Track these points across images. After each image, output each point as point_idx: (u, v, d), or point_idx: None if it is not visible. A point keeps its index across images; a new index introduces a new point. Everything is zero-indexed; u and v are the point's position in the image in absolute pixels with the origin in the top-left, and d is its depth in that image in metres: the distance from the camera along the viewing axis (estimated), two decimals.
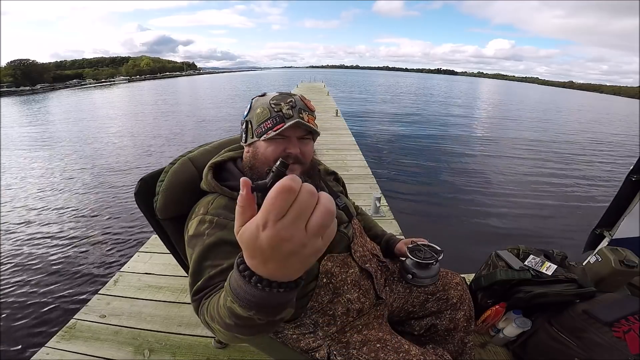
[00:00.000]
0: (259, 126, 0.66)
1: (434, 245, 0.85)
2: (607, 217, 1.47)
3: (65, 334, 1.33)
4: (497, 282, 1.16)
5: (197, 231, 0.62)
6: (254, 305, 0.34)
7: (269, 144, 0.66)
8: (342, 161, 4.03)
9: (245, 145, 0.71)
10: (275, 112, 0.65)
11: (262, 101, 0.68)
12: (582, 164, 6.86)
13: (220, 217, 0.62)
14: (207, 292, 0.54)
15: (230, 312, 0.39)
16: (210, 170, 0.70)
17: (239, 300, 0.35)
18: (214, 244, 0.59)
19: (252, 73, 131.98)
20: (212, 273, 0.56)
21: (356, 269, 0.76)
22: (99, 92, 30.39)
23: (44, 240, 3.16)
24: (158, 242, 1.96)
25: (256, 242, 0.27)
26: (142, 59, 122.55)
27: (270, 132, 0.64)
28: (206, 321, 0.50)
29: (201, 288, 0.55)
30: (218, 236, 0.60)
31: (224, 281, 0.42)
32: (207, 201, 0.66)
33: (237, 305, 0.35)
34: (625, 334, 0.92)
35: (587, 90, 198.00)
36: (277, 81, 46.15)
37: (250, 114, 0.69)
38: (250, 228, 0.27)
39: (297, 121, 0.64)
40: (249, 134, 0.68)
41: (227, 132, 9.08)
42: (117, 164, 5.85)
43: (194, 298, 0.56)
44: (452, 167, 6.03)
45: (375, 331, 0.79)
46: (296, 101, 0.68)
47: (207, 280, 0.55)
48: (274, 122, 0.64)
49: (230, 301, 0.37)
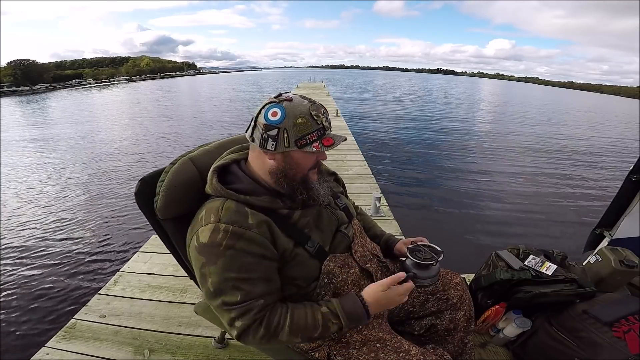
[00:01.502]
0: (303, 137, 0.64)
1: (434, 245, 0.85)
2: (607, 217, 1.47)
3: (65, 334, 1.32)
4: (497, 282, 1.16)
5: (213, 241, 0.61)
6: (355, 323, 0.68)
7: (307, 154, 0.68)
8: (342, 161, 4.03)
9: (272, 152, 0.66)
10: (318, 125, 0.65)
11: (299, 109, 0.64)
12: (583, 164, 6.87)
13: (235, 225, 0.62)
14: (254, 304, 0.62)
15: (329, 328, 0.65)
16: (215, 174, 0.69)
17: (349, 321, 0.66)
18: (236, 257, 0.61)
19: (252, 73, 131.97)
20: (245, 287, 0.62)
21: (357, 269, 0.76)
22: (99, 92, 30.40)
23: (43, 240, 3.16)
24: (158, 242, 1.95)
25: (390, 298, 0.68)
26: (142, 59, 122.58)
27: (317, 144, 0.66)
28: (270, 323, 0.63)
29: (243, 300, 0.62)
30: (237, 248, 0.61)
31: (262, 294, 0.62)
32: (215, 207, 0.65)
33: (344, 323, 0.66)
34: (625, 334, 0.92)
35: (587, 90, 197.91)
36: (278, 81, 46.12)
37: (287, 121, 0.63)
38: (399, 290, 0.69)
39: (345, 137, 0.70)
40: (283, 141, 0.64)
41: (227, 132, 9.08)
42: (117, 164, 5.85)
43: (237, 306, 0.61)
44: (452, 167, 6.03)
45: (375, 331, 0.79)
46: (325, 110, 0.70)
47: (245, 294, 0.62)
48: (318, 134, 0.66)
49: (334, 323, 0.65)
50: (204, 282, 0.63)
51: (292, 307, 0.66)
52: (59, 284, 2.51)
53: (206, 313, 0.98)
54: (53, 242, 3.14)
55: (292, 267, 0.68)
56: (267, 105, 0.66)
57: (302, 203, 0.71)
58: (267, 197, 0.68)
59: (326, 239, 0.74)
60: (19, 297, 2.37)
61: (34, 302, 2.31)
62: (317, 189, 0.72)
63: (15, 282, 2.54)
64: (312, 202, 0.72)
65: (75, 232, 3.32)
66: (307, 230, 0.71)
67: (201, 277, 0.63)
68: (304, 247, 0.69)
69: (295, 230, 0.69)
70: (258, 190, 0.69)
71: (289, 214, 0.70)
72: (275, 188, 0.70)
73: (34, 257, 2.87)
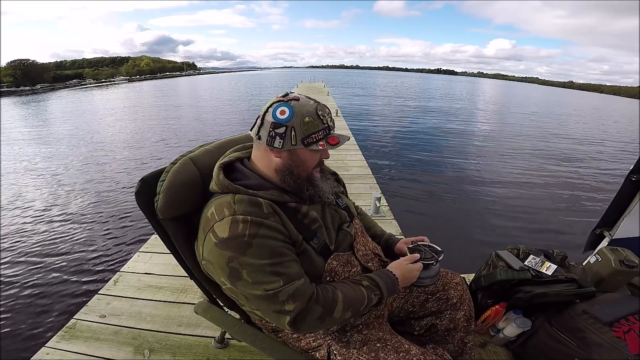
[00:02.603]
0: (310, 136, 0.66)
1: (434, 245, 0.85)
2: (607, 217, 1.46)
3: (65, 334, 1.32)
4: (497, 282, 1.16)
5: (234, 233, 0.60)
6: (391, 293, 0.74)
7: (313, 153, 0.70)
8: (342, 161, 4.03)
9: (278, 150, 0.67)
10: (324, 124, 0.68)
11: (307, 108, 0.66)
12: (583, 164, 6.87)
13: (252, 215, 0.62)
14: (297, 284, 0.62)
15: (372, 299, 0.70)
16: (220, 170, 0.70)
17: (388, 291, 0.72)
18: (263, 244, 0.61)
19: (252, 73, 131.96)
20: (283, 270, 0.61)
21: (358, 267, 0.77)
22: (99, 92, 30.38)
23: (43, 240, 3.16)
24: (158, 242, 1.96)
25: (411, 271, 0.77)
26: (142, 59, 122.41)
27: (323, 143, 0.68)
28: (326, 299, 0.64)
29: (286, 283, 0.61)
30: (262, 235, 0.61)
31: (300, 273, 0.64)
32: (226, 201, 0.64)
33: (384, 293, 0.71)
34: (625, 334, 0.92)
35: (587, 90, 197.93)
36: (278, 81, 46.11)
37: (295, 120, 0.65)
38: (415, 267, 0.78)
39: (349, 137, 0.72)
40: (290, 139, 0.65)
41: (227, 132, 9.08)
42: (117, 164, 5.85)
43: (285, 287, 0.60)
44: (452, 167, 6.03)
45: (376, 331, 0.79)
46: (329, 110, 0.72)
47: (287, 277, 0.61)
48: (324, 133, 0.68)
49: (377, 294, 0.70)
50: (237, 276, 0.61)
51: (337, 284, 0.69)
52: (59, 284, 2.51)
53: (206, 313, 0.98)
54: (53, 242, 3.13)
55: (301, 261, 0.68)
56: (275, 103, 0.67)
57: (309, 199, 0.72)
58: (275, 191, 0.69)
59: (331, 236, 0.75)
60: (19, 297, 2.37)
61: (34, 302, 2.31)
62: (322, 187, 0.74)
63: (15, 282, 2.54)
64: (317, 199, 0.74)
65: (76, 232, 3.32)
66: (315, 226, 0.72)
67: (232, 272, 0.61)
68: (310, 244, 0.70)
69: (303, 225, 0.70)
70: (266, 186, 0.70)
71: (297, 207, 0.71)
72: (280, 185, 0.71)
73: (34, 257, 2.87)
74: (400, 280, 0.74)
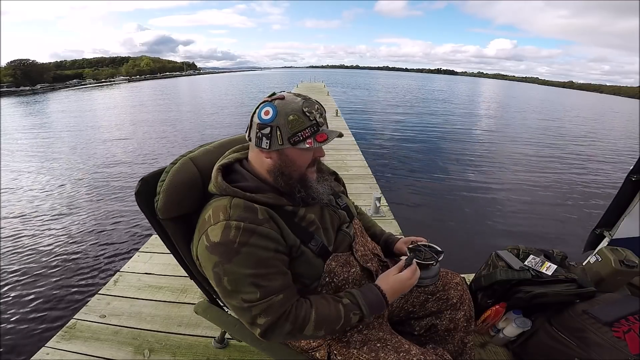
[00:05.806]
0: (295, 134, 0.64)
1: (434, 245, 0.85)
2: (607, 217, 1.46)
3: (65, 334, 1.32)
4: (497, 282, 1.16)
5: (225, 239, 0.60)
6: (376, 311, 0.70)
7: (303, 151, 0.67)
8: (342, 161, 4.03)
9: (267, 151, 0.67)
10: (310, 121, 0.65)
11: (291, 106, 0.64)
12: (583, 164, 6.86)
13: (246, 221, 0.62)
14: (275, 299, 0.62)
15: (351, 319, 0.67)
16: (219, 172, 0.70)
17: (370, 309, 0.68)
18: (251, 253, 0.61)
19: (252, 73, 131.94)
20: (264, 283, 0.61)
21: (357, 268, 0.77)
22: (99, 92, 30.38)
23: (43, 241, 3.16)
24: (158, 242, 1.96)
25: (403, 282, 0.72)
26: (142, 59, 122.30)
27: (311, 141, 0.65)
28: (297, 317, 0.63)
29: (263, 296, 0.61)
30: (251, 244, 0.61)
31: (282, 288, 0.63)
32: (223, 205, 0.64)
33: (365, 313, 0.68)
34: (625, 334, 0.92)
35: (587, 90, 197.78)
36: (278, 81, 46.11)
37: (278, 119, 0.64)
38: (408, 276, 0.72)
39: (340, 132, 0.71)
40: (276, 139, 0.65)
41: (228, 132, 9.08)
42: (118, 164, 5.85)
43: (258, 303, 0.61)
44: (452, 167, 6.03)
45: (376, 331, 0.79)
46: (320, 106, 0.69)
47: (265, 290, 0.61)
48: (312, 131, 0.65)
49: (356, 313, 0.67)
50: (218, 281, 0.62)
51: (315, 300, 0.67)
52: (59, 284, 2.51)
53: (206, 313, 0.98)
54: (53, 242, 3.13)
55: (299, 264, 0.68)
56: (261, 104, 0.67)
57: (302, 201, 0.71)
58: (273, 194, 0.69)
59: (329, 237, 0.74)
60: (19, 297, 2.37)
61: (34, 302, 2.31)
62: (316, 188, 0.73)
63: (15, 282, 2.54)
64: (312, 201, 0.73)
65: (76, 232, 3.32)
66: (312, 228, 0.71)
67: (215, 276, 0.62)
68: (307, 246, 0.69)
69: (300, 228, 0.69)
70: (263, 188, 0.69)
71: (294, 211, 0.70)
72: (276, 186, 0.71)
73: (34, 257, 2.87)
74: (390, 294, 0.70)
